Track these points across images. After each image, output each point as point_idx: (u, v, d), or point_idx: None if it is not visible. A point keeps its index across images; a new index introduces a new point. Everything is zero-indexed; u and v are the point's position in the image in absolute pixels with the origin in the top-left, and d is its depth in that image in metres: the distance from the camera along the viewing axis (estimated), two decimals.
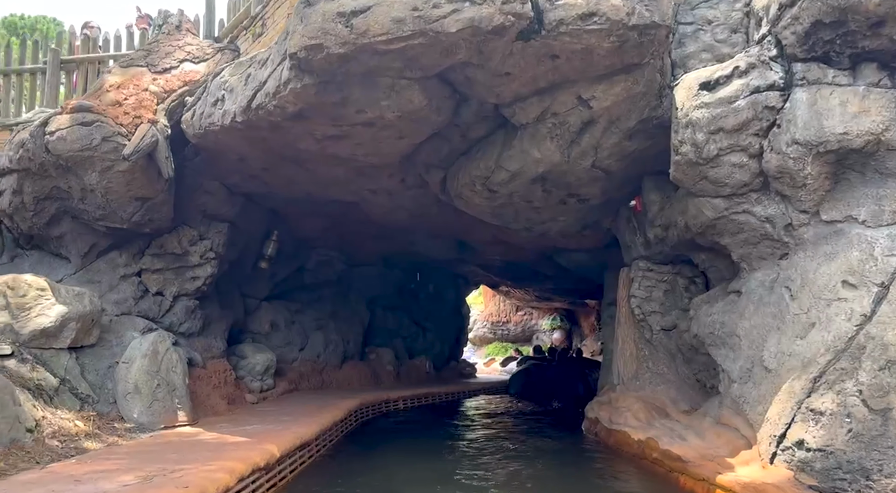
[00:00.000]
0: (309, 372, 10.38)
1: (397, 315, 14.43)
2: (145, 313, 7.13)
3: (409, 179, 7.56)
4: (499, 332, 23.23)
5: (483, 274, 15.61)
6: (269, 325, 9.92)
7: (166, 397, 6.07)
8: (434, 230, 9.76)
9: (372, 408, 9.59)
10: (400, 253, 12.57)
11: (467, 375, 16.55)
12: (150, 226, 6.90)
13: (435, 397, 11.96)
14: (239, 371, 8.64)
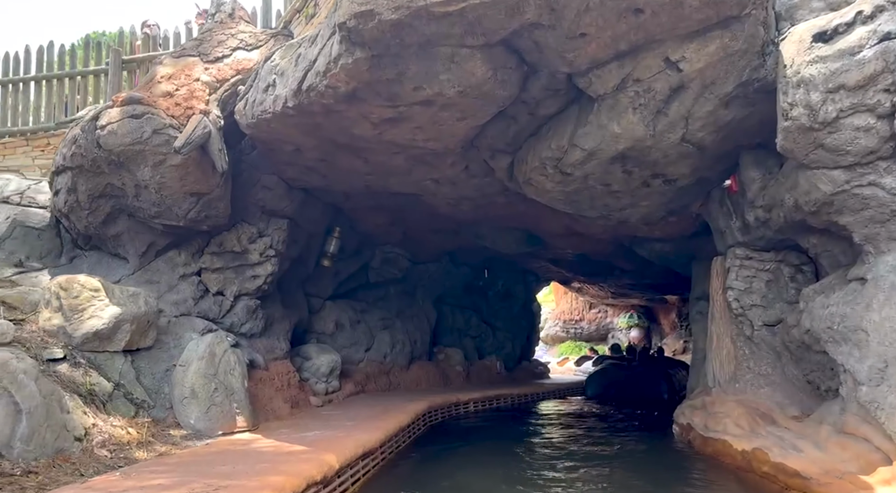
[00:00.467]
0: (375, 373, 10.00)
1: (465, 314, 13.91)
2: (205, 313, 6.89)
3: (472, 167, 7.01)
4: (571, 331, 22.35)
5: (554, 270, 14.88)
6: (333, 325, 9.59)
7: (224, 401, 5.75)
8: (501, 222, 9.17)
9: (441, 411, 9.09)
10: (466, 248, 12.04)
11: (540, 375, 15.84)
12: (208, 223, 6.64)
13: (507, 399, 11.36)
14: (303, 373, 8.32)
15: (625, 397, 12.30)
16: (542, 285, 16.58)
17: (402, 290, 11.72)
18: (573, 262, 12.59)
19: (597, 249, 10.24)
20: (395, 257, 11.01)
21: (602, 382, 12.67)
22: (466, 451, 6.79)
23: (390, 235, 10.34)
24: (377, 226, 9.74)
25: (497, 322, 14.84)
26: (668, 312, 20.33)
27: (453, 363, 12.55)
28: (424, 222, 9.75)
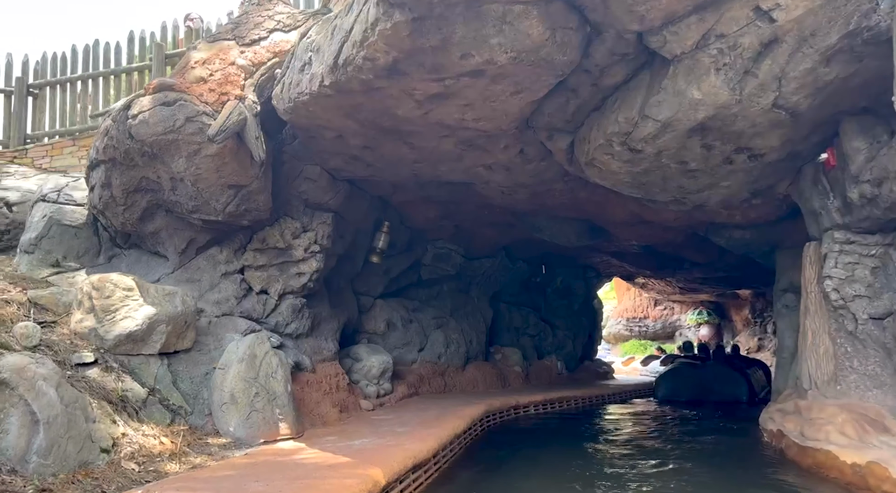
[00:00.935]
0: (429, 375, 9.51)
1: (523, 312, 13.28)
2: (248, 313, 6.53)
3: (528, 150, 6.40)
4: (635, 329, 21.33)
5: (616, 264, 14.07)
6: (384, 324, 9.15)
7: (266, 407, 5.34)
8: (560, 212, 8.51)
9: (499, 415, 8.51)
10: (522, 243, 11.41)
11: (604, 376, 15.03)
12: (248, 217, 6.27)
13: (570, 401, 10.67)
14: (353, 375, 7.90)
15: (699, 399, 11.39)
16: (603, 281, 15.76)
17: (456, 287, 11.20)
18: (638, 255, 11.78)
19: (666, 239, 9.44)
20: (448, 252, 10.49)
21: (674, 383, 11.80)
22: (528, 459, 6.19)
23: (442, 230, 9.83)
24: (428, 220, 9.24)
25: (556, 320, 14.15)
26: (741, 307, 19.10)
27: (511, 364, 11.94)
28: (477, 215, 9.19)
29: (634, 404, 11.82)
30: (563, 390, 11.02)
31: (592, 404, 11.21)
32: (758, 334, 18.05)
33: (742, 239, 8.03)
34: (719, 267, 12.24)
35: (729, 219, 7.29)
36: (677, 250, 10.90)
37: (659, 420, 9.50)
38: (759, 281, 13.62)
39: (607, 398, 11.79)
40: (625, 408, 11.07)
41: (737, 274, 12.90)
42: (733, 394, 11.23)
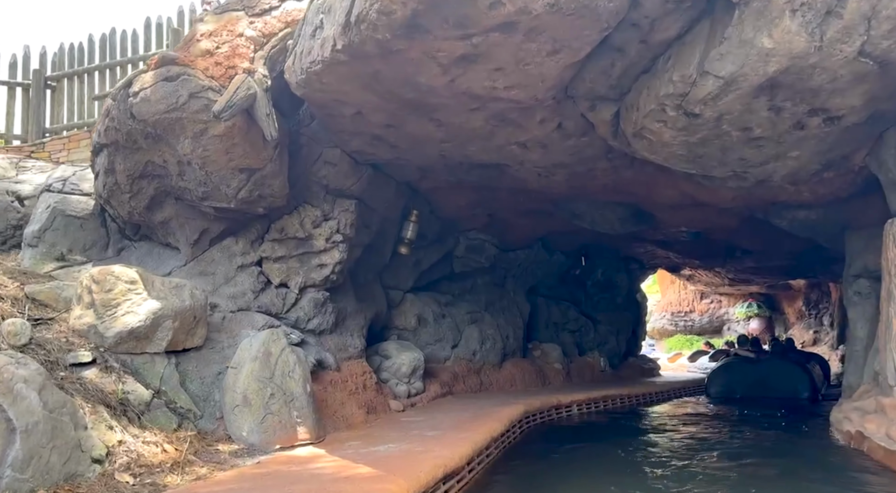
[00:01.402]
0: (464, 372, 8.94)
1: (562, 306, 12.60)
2: (267, 308, 6.07)
3: (567, 124, 5.77)
4: (681, 323, 20.39)
5: (661, 255, 13.28)
6: (415, 319, 8.61)
7: (282, 409, 4.85)
8: (602, 195, 7.83)
9: (539, 415, 7.88)
10: (560, 233, 10.75)
11: (650, 373, 14.25)
12: (263, 205, 5.80)
13: (615, 400, 9.97)
14: (381, 373, 7.39)
15: (755, 396, 10.57)
16: (646, 273, 14.96)
17: (491, 280, 10.61)
18: (686, 243, 11.00)
19: (719, 224, 8.67)
20: (481, 243, 9.90)
21: (727, 379, 10.96)
22: (572, 464, 5.58)
23: (474, 220, 9.25)
24: (459, 208, 8.67)
25: (598, 315, 13.42)
26: (793, 299, 18.03)
27: (551, 361, 11.29)
28: (512, 202, 8.58)
29: (684, 402, 11.04)
30: (607, 389, 10.33)
31: (639, 403, 10.48)
32: (813, 326, 16.99)
33: (807, 220, 7.24)
34: (774, 255, 11.38)
35: (794, 197, 6.53)
36: (730, 236, 10.11)
37: (715, 420, 8.73)
38: (818, 269, 12.67)
39: (655, 397, 11.04)
40: (674, 407, 10.32)
41: (793, 263, 12.00)
42: (794, 390, 10.38)
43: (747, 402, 10.34)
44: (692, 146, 5.33)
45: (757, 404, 10.06)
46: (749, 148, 5.32)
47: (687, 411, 9.84)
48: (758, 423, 8.35)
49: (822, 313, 16.89)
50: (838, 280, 13.63)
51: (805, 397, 10.32)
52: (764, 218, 7.66)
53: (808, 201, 6.78)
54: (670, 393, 11.59)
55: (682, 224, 9.09)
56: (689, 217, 8.41)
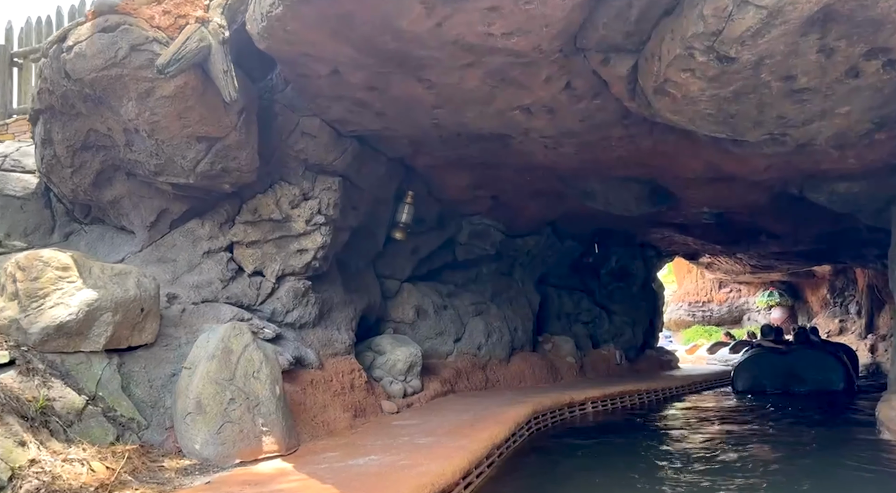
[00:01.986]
0: (468, 368, 8.15)
1: (574, 296, 11.78)
2: (238, 299, 5.32)
3: (577, 83, 4.95)
4: (698, 314, 19.48)
5: (679, 241, 12.41)
6: (413, 311, 7.84)
7: (244, 416, 4.10)
8: (617, 170, 7.00)
9: (549, 415, 7.10)
10: (571, 216, 9.92)
11: (668, 365, 13.39)
12: (229, 181, 5.04)
13: (633, 396, 9.15)
14: (374, 371, 6.63)
15: (787, 389, 9.71)
16: (664, 260, 14.08)
17: (497, 269, 9.81)
18: (708, 227, 10.12)
19: (746, 201, 7.79)
20: (486, 229, 9.10)
21: (756, 371, 10.08)
22: (585, 471, 4.81)
23: (477, 202, 8.44)
24: (460, 190, 7.87)
25: (613, 305, 12.58)
26: (817, 287, 17.07)
27: (563, 354, 10.48)
28: (518, 182, 7.77)
29: (708, 397, 10.19)
30: (624, 384, 9.50)
31: (659, 398, 9.65)
32: (839, 315, 16.02)
33: (849, 194, 6.37)
34: (802, 239, 10.47)
35: (838, 164, 5.65)
36: (755, 218, 9.23)
37: (747, 416, 7.89)
38: (847, 254, 11.75)
39: (676, 391, 10.21)
40: (698, 402, 9.47)
41: (821, 247, 11.09)
42: (828, 382, 9.51)
43: (778, 396, 9.48)
44: (724, 102, 4.49)
45: (789, 398, 9.20)
46: (791, 103, 4.47)
47: (713, 406, 9.00)
48: (790, 418, 7.51)
49: (847, 300, 15.92)
50: (868, 265, 12.69)
51: (840, 388, 9.45)
52: (799, 193, 6.80)
53: (851, 171, 5.91)
54: (692, 387, 10.75)
55: (704, 203, 8.23)
56: (713, 195, 7.55)
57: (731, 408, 8.79)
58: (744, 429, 6.97)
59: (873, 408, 6.72)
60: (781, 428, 6.91)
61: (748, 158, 5.77)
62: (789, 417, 7.72)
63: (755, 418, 7.76)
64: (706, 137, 5.37)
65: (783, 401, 9.04)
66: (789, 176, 6.30)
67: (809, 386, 9.56)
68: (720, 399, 9.75)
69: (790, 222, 9.36)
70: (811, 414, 7.97)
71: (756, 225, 9.80)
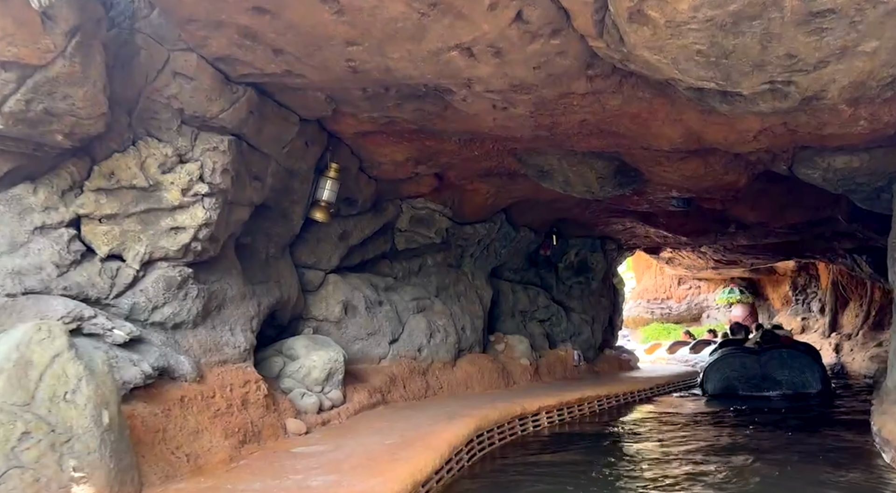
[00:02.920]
0: (405, 374, 6.91)
1: (530, 292, 10.66)
2: (83, 290, 3.95)
3: (530, 13, 3.74)
4: (657, 311, 18.67)
5: (642, 234, 11.43)
6: (340, 307, 6.55)
7: (45, 458, 2.77)
8: (579, 143, 5.84)
9: (497, 431, 5.91)
10: (527, 204, 8.80)
11: (628, 366, 12.41)
12: (61, 129, 3.68)
13: (594, 402, 8.05)
14: (283, 381, 5.34)
15: (760, 392, 8.77)
16: (624, 255, 13.09)
17: (444, 260, 8.60)
18: (674, 216, 9.14)
19: (721, 183, 6.74)
20: (430, 214, 7.89)
21: (727, 373, 9.11)
22: None
23: (420, 182, 7.21)
24: (397, 166, 6.61)
25: (571, 302, 11.52)
26: (779, 284, 16.40)
27: (517, 355, 9.34)
28: (465, 158, 6.58)
29: (675, 400, 9.17)
30: (583, 389, 8.40)
31: (621, 403, 8.59)
32: (801, 313, 15.35)
33: (847, 169, 5.34)
34: (775, 230, 9.56)
35: (845, 127, 4.56)
36: (728, 204, 8.25)
37: (722, 424, 6.84)
38: (821, 247, 10.93)
39: (639, 395, 9.17)
40: (666, 407, 8.43)
41: (793, 239, 10.23)
42: (804, 384, 8.60)
43: (751, 399, 8.53)
44: (719, 33, 3.35)
45: (763, 402, 8.25)
46: (805, 34, 3.35)
47: (682, 412, 7.95)
48: (776, 427, 6.49)
49: (810, 298, 15.26)
50: (837, 260, 11.92)
51: (817, 391, 8.55)
52: (787, 170, 5.75)
53: (856, 140, 4.87)
54: (657, 390, 9.73)
55: (673, 186, 7.17)
56: (686, 174, 6.47)
57: (702, 414, 7.76)
58: (720, 440, 5.91)
59: (855, 414, 5.77)
60: (761, 438, 5.88)
61: (737, 121, 4.67)
62: (768, 424, 6.71)
63: (731, 427, 6.72)
64: (688, 93, 4.24)
65: (757, 405, 8.07)
66: (781, 147, 5.23)
67: (784, 389, 8.65)
68: (689, 404, 8.74)
69: (766, 210, 8.42)
70: (789, 419, 6.99)
71: (727, 214, 8.84)
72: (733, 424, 6.96)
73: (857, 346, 11.89)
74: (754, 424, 6.82)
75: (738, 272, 16.22)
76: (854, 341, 12.35)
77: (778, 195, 7.97)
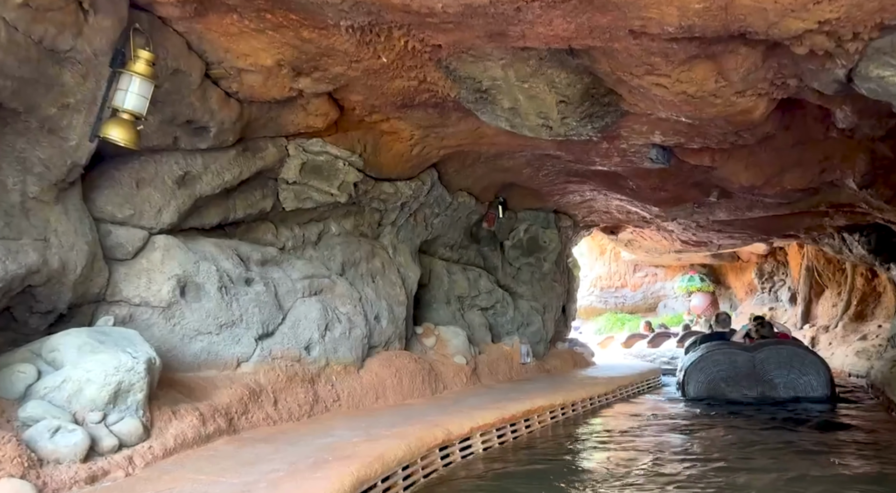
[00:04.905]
0: (279, 384, 4.62)
1: (470, 274, 8.54)
2: None
3: None
4: (611, 301, 16.87)
5: (601, 205, 9.48)
6: (172, 287, 4.20)
7: None
8: (533, 23, 3.65)
9: (401, 475, 3.72)
10: (465, 157, 6.69)
11: (583, 362, 10.46)
12: None
13: (545, 415, 5.98)
14: (27, 406, 3.01)
15: (758, 398, 6.89)
16: (580, 234, 11.09)
17: (355, 228, 6.37)
18: (646, 178, 7.14)
19: (732, 111, 4.63)
20: (331, 163, 5.62)
21: (713, 373, 7.17)
22: None
23: (309, 110, 4.93)
24: (267, 75, 4.30)
25: (519, 287, 9.48)
26: (742, 271, 14.80)
27: (450, 352, 7.20)
28: (367, 68, 4.38)
29: (646, 405, 7.19)
30: (533, 396, 6.31)
31: (580, 412, 6.56)
32: (767, 302, 13.74)
33: None
34: (764, 198, 7.65)
35: None
36: (719, 159, 6.29)
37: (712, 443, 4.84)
38: (810, 224, 9.15)
39: (602, 400, 7.16)
40: (636, 418, 6.40)
41: (782, 212, 8.38)
42: (808, 387, 6.75)
43: (744, 405, 6.62)
44: None
45: (762, 410, 6.33)
46: None
47: (658, 424, 5.93)
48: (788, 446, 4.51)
49: (777, 286, 13.67)
50: (825, 241, 10.15)
51: (824, 396, 6.72)
52: (841, 80, 3.70)
53: None
54: (621, 393, 7.75)
55: (662, 122, 5.08)
56: (690, 88, 4.29)
57: (687, 429, 5.76)
58: (715, 468, 3.89)
59: None
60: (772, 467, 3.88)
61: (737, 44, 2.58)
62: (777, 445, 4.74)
63: (725, 449, 4.71)
64: None
65: (755, 414, 6.15)
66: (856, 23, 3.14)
67: (784, 393, 6.78)
68: (664, 410, 6.74)
69: (763, 170, 6.49)
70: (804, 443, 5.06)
71: (714, 174, 6.87)
72: (728, 446, 4.96)
73: (837, 339, 10.26)
74: (761, 443, 4.84)
75: (699, 258, 14.54)
76: (832, 334, 10.74)
77: (783, 149, 6.06)
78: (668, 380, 9.99)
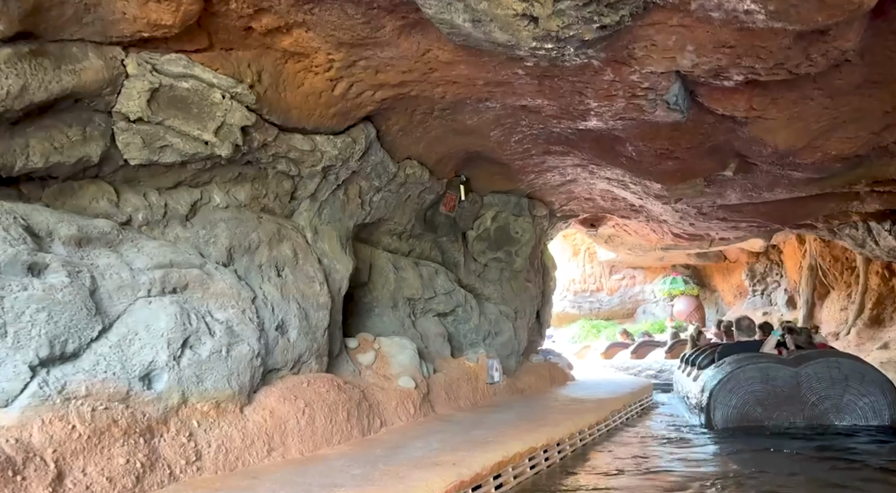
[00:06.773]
0: (73, 444, 2.60)
1: (424, 270, 6.63)
2: None
3: None
4: (585, 306, 15.14)
5: (583, 190, 7.73)
6: None
7: None
8: None
9: None
10: (411, 105, 4.80)
11: (562, 377, 8.63)
12: None
13: (523, 467, 4.06)
14: None
15: (801, 425, 5.12)
16: (556, 226, 9.28)
17: (253, 197, 4.42)
18: (652, 140, 5.32)
19: (828, 3, 2.87)
20: (202, 92, 3.63)
21: (746, 396, 5.32)
22: None
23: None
24: None
25: (486, 287, 7.60)
26: (730, 272, 13.21)
27: (394, 372, 5.25)
28: None
29: (658, 443, 5.31)
30: (504, 436, 4.40)
31: (567, 453, 4.66)
32: (760, 306, 12.14)
33: None
34: (793, 173, 5.94)
35: None
36: (756, 106, 4.51)
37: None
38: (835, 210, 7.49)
39: (595, 433, 5.28)
40: (647, 466, 4.51)
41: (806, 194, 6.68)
42: (871, 412, 5.02)
43: (792, 439, 4.82)
44: None
45: (819, 446, 4.52)
46: None
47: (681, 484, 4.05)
48: None
49: (771, 288, 12.09)
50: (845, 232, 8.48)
51: (889, 423, 4.99)
52: None
53: None
54: (615, 419, 5.88)
55: (680, 43, 3.26)
56: None
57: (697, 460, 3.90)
58: None
59: None
60: None
61: None
62: None
63: None
64: None
65: (813, 452, 4.34)
66: None
67: (837, 419, 5.04)
68: (680, 453, 4.86)
69: (809, 125, 4.76)
70: None
71: (738, 135, 5.11)
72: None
73: (851, 348, 8.66)
74: None
75: (682, 258, 12.91)
76: (844, 342, 9.15)
77: (844, 93, 4.36)
78: (660, 398, 8.25)
